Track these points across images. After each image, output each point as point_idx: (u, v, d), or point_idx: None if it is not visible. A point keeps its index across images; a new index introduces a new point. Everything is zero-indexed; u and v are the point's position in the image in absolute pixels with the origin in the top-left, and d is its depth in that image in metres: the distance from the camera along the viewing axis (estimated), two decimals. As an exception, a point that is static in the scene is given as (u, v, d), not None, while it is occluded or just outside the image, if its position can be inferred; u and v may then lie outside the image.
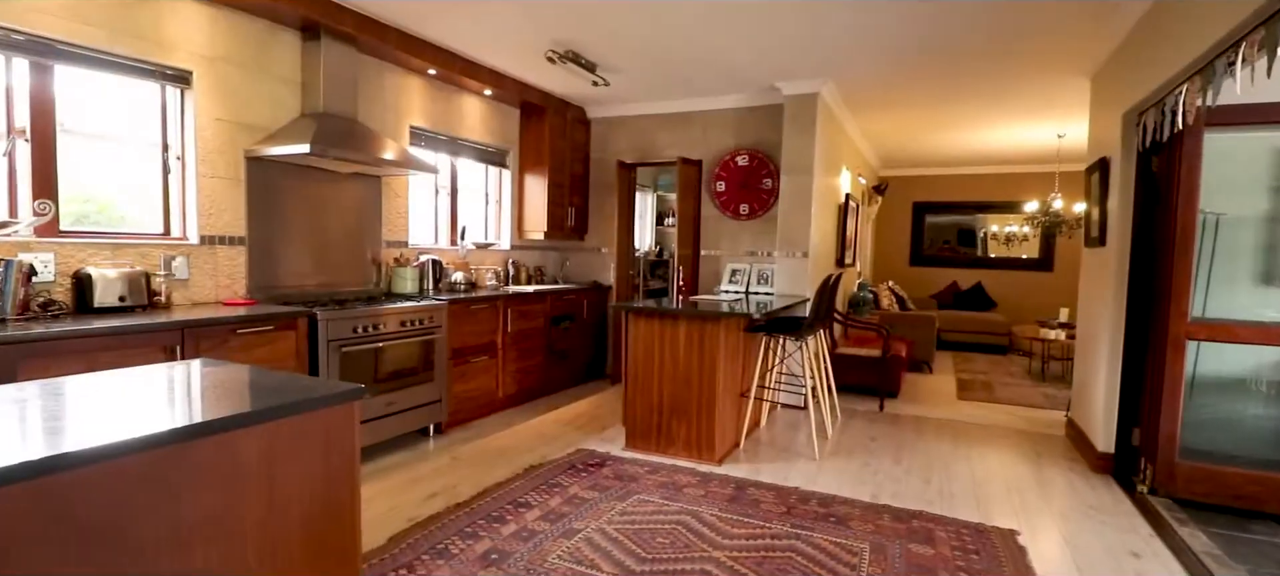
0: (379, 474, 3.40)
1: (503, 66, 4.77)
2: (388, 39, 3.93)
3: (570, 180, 5.82)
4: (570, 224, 5.84)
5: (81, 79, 2.93)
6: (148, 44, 3.05)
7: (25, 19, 2.66)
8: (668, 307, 3.78)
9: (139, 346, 2.56)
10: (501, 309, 4.62)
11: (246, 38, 3.47)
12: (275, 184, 3.63)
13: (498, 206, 5.65)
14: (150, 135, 3.22)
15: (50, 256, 2.75)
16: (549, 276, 6.12)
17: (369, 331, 3.53)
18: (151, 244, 3.12)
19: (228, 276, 3.44)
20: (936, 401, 5.44)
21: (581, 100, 5.77)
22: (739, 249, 5.52)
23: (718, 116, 5.57)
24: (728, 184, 5.49)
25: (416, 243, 4.72)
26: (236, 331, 2.90)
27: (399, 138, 4.44)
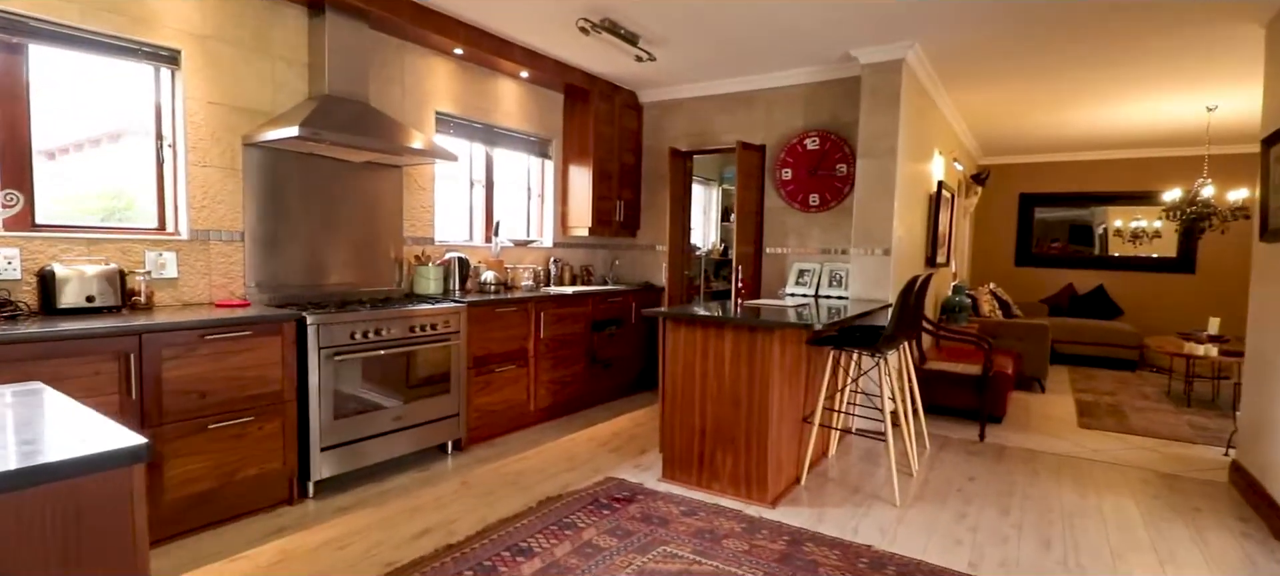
0: (375, 500, 2.99)
1: (538, 44, 4.31)
2: (401, 12, 3.54)
3: (619, 171, 5.29)
4: (619, 219, 5.32)
5: (59, 59, 2.68)
6: (126, 20, 2.77)
7: (-15, -9, 2.42)
8: (710, 314, 3.17)
9: (83, 354, 2.24)
10: (533, 313, 4.15)
11: (243, 13, 3.16)
12: (280, 175, 3.31)
13: (540, 201, 5.20)
14: (145, 122, 2.96)
15: (15, 252, 2.50)
16: (597, 277, 5.62)
17: (369, 337, 3.14)
18: (135, 239, 2.84)
19: (223, 275, 3.14)
20: (1052, 429, 4.51)
21: (632, 83, 5.23)
22: (807, 246, 4.80)
23: (783, 94, 4.87)
24: (795, 171, 4.79)
25: (444, 239, 4.33)
26: (205, 337, 2.56)
27: (422, 124, 4.07)
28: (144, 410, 2.40)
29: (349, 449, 3.08)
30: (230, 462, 2.66)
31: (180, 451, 2.51)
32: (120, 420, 2.25)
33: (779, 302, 3.92)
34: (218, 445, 2.62)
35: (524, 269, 4.77)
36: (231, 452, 2.66)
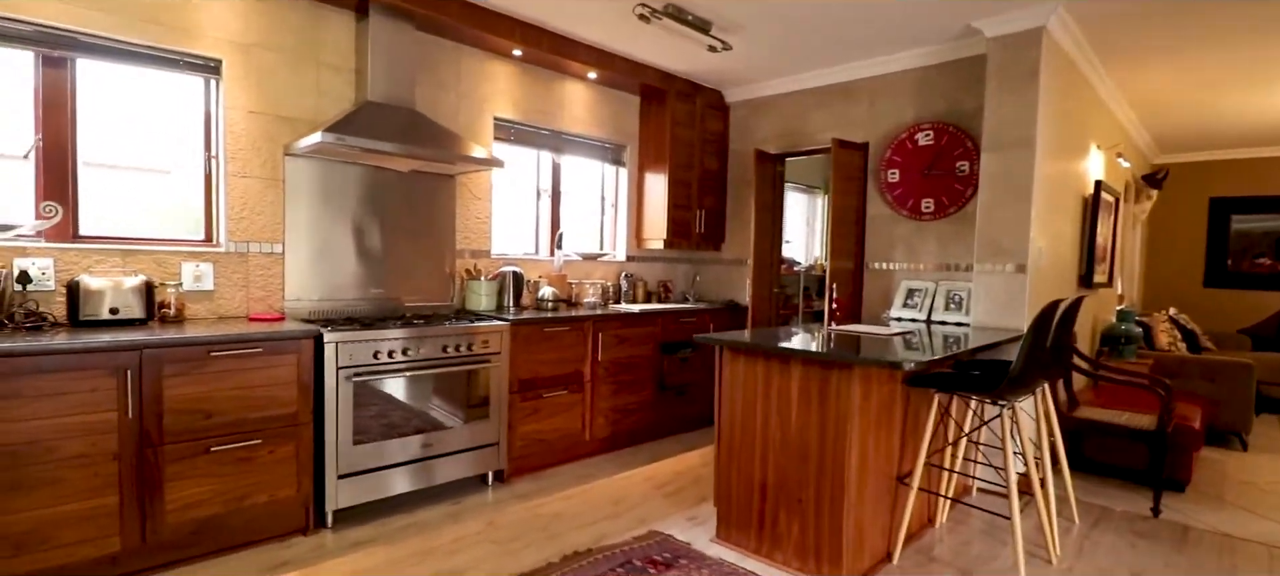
0: (393, 536, 2.72)
1: (604, 41, 3.95)
2: (448, 10, 3.32)
3: (700, 177, 4.80)
4: (699, 230, 4.82)
5: (104, 72, 2.69)
6: (166, 30, 2.75)
7: (27, 7, 2.44)
8: (772, 343, 2.59)
9: (82, 369, 2.14)
10: (590, 332, 3.77)
11: (288, 20, 3.07)
12: (323, 185, 3.19)
13: (613, 211, 4.84)
14: (193, 133, 2.94)
15: (49, 263, 2.51)
16: (677, 294, 5.15)
17: (395, 357, 2.90)
18: (171, 251, 2.80)
19: (262, 288, 3.05)
20: (1259, 503, 3.39)
21: (716, 81, 4.74)
22: (919, 261, 4.02)
23: (889, 83, 4.15)
24: (903, 172, 4.04)
25: (504, 252, 4.08)
26: (210, 354, 2.41)
27: (478, 131, 3.84)
28: (143, 429, 2.27)
29: (371, 477, 2.85)
30: (238, 488, 2.50)
31: (183, 474, 2.37)
32: (117, 440, 2.13)
33: (879, 330, 3.23)
34: (223, 469, 2.46)
35: (590, 284, 4.41)
36: (239, 477, 2.49)
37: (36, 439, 2.08)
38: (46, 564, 2.12)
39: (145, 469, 2.29)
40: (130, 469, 2.26)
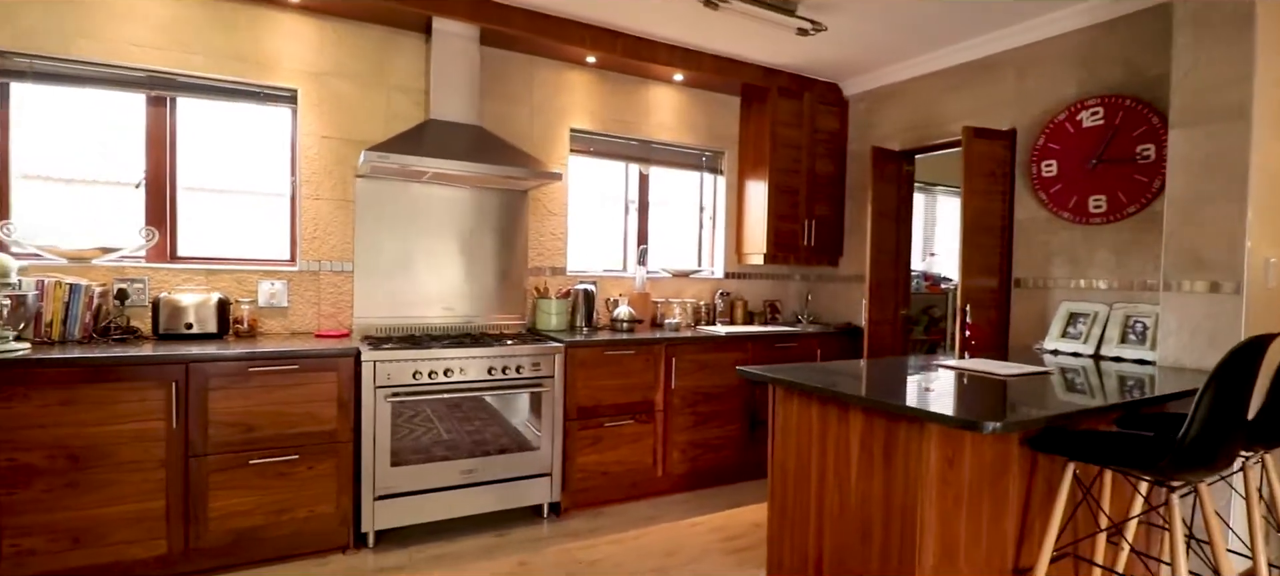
0: (427, 565, 2.62)
1: (682, 38, 3.62)
2: (511, 22, 3.23)
3: (809, 183, 4.23)
4: (807, 243, 4.24)
5: (198, 107, 2.98)
6: (250, 66, 2.97)
7: (137, 56, 2.76)
8: (826, 384, 2.05)
9: (132, 380, 2.31)
10: (662, 357, 3.43)
11: (359, 47, 3.18)
12: (392, 205, 3.25)
13: (711, 224, 4.45)
14: (279, 159, 3.15)
15: (144, 281, 2.79)
16: (787, 314, 4.59)
17: (436, 377, 2.82)
18: (249, 270, 3.00)
19: (332, 305, 3.17)
20: None
21: (831, 72, 4.16)
22: (1084, 276, 3.10)
23: (1043, 51, 3.28)
24: (1063, 162, 3.16)
25: (582, 269, 3.90)
26: (249, 370, 2.49)
27: (554, 144, 3.71)
28: (188, 439, 2.40)
29: (410, 500, 2.78)
30: (277, 501, 2.56)
31: (225, 484, 2.47)
32: (165, 448, 2.26)
33: (1018, 367, 2.49)
34: (264, 481, 2.53)
35: (678, 303, 4.06)
36: (278, 491, 2.55)
37: (94, 443, 2.27)
38: (100, 559, 2.30)
39: (190, 477, 2.41)
40: (177, 476, 2.39)
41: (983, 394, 1.96)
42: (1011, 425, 1.61)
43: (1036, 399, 1.92)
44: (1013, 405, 1.81)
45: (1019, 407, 1.79)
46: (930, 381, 2.16)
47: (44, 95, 2.73)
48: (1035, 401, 1.89)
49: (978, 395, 1.95)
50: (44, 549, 2.22)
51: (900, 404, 1.78)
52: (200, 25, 2.87)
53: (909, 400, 1.84)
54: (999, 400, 1.88)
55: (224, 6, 2.90)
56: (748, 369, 2.28)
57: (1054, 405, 1.85)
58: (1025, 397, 1.93)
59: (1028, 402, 1.86)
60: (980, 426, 1.58)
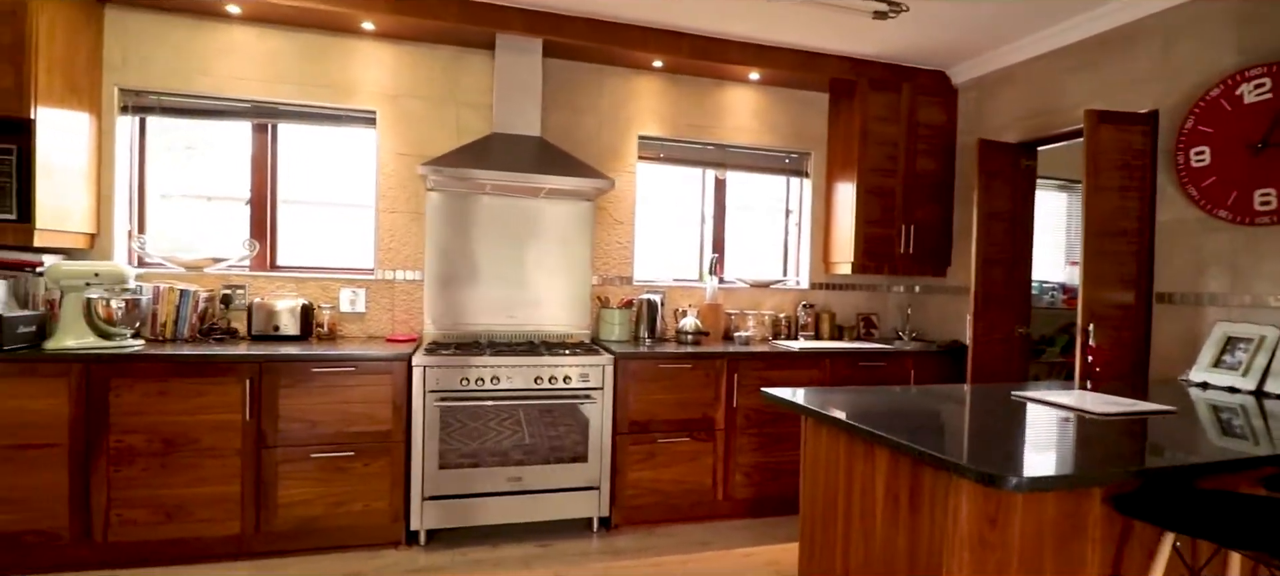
0: (469, 569, 2.66)
1: (754, 34, 3.41)
2: (571, 32, 3.24)
3: (906, 183, 3.79)
4: (905, 250, 3.79)
5: (296, 131, 3.30)
6: (336, 92, 3.24)
7: (243, 88, 3.13)
8: (844, 415, 1.78)
9: (214, 375, 2.60)
10: (723, 372, 3.23)
11: (431, 68, 3.36)
12: (461, 216, 3.39)
13: (797, 231, 4.14)
14: (365, 176, 3.42)
15: (243, 288, 3.14)
16: (886, 330, 4.15)
17: (484, 384, 2.87)
18: (332, 278, 3.27)
19: (405, 312, 3.36)
20: None
21: (935, 58, 3.71)
22: (1249, 290, 2.44)
23: (1193, 13, 2.65)
24: (1218, 149, 2.52)
25: (650, 277, 3.80)
26: (312, 370, 2.70)
27: (622, 152, 3.66)
28: (259, 431, 2.65)
29: (458, 503, 2.85)
30: (336, 494, 2.74)
31: (290, 475, 2.69)
32: (240, 437, 2.52)
33: (1141, 407, 2.02)
34: (324, 475, 2.72)
35: (754, 315, 3.82)
36: (336, 485, 2.73)
37: (183, 430, 2.58)
38: (186, 534, 2.59)
39: (261, 466, 2.66)
40: (250, 464, 2.64)
41: (1062, 436, 1.59)
42: (1045, 482, 1.27)
43: (1229, 437, 1.53)
44: (1095, 452, 1.45)
45: (1102, 456, 1.42)
46: (1004, 417, 1.80)
47: (171, 126, 3.18)
48: (1136, 448, 1.50)
49: (1051, 438, 1.59)
50: (143, 521, 2.55)
51: (923, 453, 1.48)
52: (293, 58, 3.18)
53: (941, 439, 1.54)
54: (1081, 445, 1.51)
55: (313, 39, 3.19)
56: (771, 391, 2.05)
57: (1161, 454, 1.45)
58: (1123, 444, 1.54)
59: (1122, 450, 1.48)
60: (999, 481, 1.26)
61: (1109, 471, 1.37)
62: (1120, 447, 1.55)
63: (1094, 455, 1.48)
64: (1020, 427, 1.71)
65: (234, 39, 3.10)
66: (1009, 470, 1.27)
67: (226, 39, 3.09)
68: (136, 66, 3.00)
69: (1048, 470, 1.33)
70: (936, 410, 1.89)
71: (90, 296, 2.59)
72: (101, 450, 2.50)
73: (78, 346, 2.53)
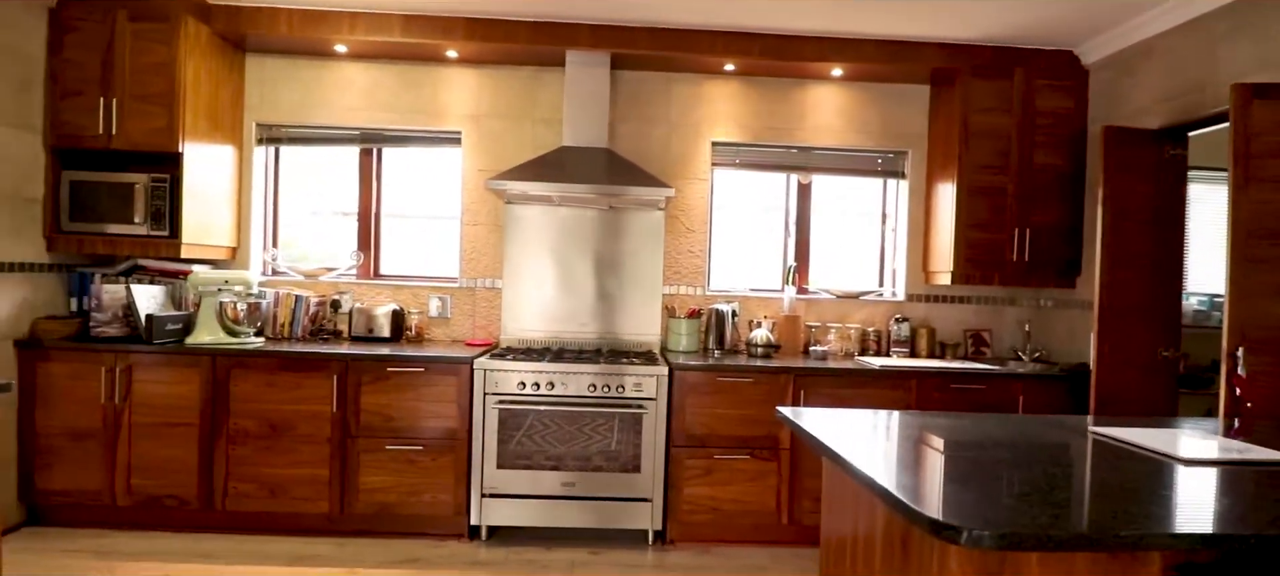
0: (519, 568, 2.76)
1: (830, 27, 3.19)
2: (637, 43, 3.26)
3: (1020, 181, 3.31)
4: (1018, 258, 3.31)
5: (396, 153, 3.67)
6: (428, 116, 3.55)
7: (352, 117, 3.54)
8: (834, 445, 1.59)
9: (309, 370, 2.95)
10: (789, 388, 3.04)
11: (510, 88, 3.56)
12: (537, 228, 3.54)
13: (893, 237, 3.79)
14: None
15: (349, 295, 3.53)
16: (1001, 349, 3.65)
17: (540, 389, 2.96)
18: (421, 286, 3.57)
19: (485, 318, 3.57)
20: None
21: (1059, 35, 3.23)
22: None
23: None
24: None
25: (726, 287, 3.69)
26: (388, 369, 2.96)
27: (694, 159, 3.60)
28: (345, 421, 2.96)
29: (515, 502, 2.97)
30: (408, 484, 2.97)
31: (369, 464, 2.97)
32: (329, 426, 2.85)
33: (1259, 454, 1.62)
34: (397, 465, 2.97)
35: (837, 328, 3.55)
36: (408, 475, 2.97)
37: (284, 418, 2.95)
38: (285, 509, 2.96)
39: (346, 453, 2.96)
40: (337, 451, 2.96)
41: (1108, 480, 1.32)
42: (1017, 539, 1.04)
43: (1246, 503, 1.22)
44: (1154, 507, 1.17)
45: (1159, 514, 1.14)
46: (1047, 458, 1.52)
47: (297, 153, 3.67)
48: (1234, 508, 1.20)
49: (1095, 482, 1.32)
50: (252, 494, 2.95)
51: (903, 506, 1.28)
52: (393, 88, 3.53)
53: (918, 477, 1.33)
54: (1130, 495, 1.24)
55: (408, 70, 3.53)
56: (785, 410, 1.89)
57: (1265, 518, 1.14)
58: (1210, 499, 1.24)
59: (1201, 507, 1.19)
60: (954, 533, 1.06)
61: (1112, 532, 1.09)
62: (1199, 504, 1.23)
63: (1148, 511, 1.19)
64: (1064, 469, 1.42)
65: (345, 75, 3.52)
66: (971, 521, 1.07)
67: (339, 75, 3.52)
68: (270, 103, 3.51)
69: (1035, 524, 1.10)
70: (975, 441, 1.63)
71: (221, 300, 3.07)
72: (222, 431, 2.94)
73: (209, 342, 3.01)
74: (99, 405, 2.90)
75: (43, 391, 2.90)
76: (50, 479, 2.92)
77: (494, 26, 3.23)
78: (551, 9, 3.14)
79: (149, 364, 2.92)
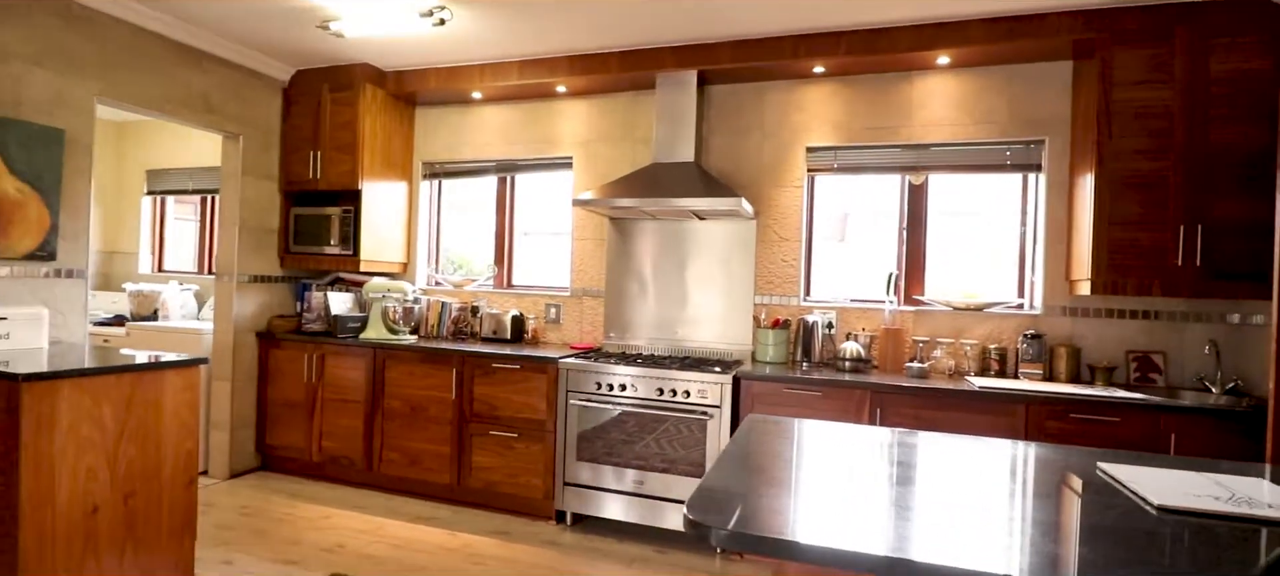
0: (587, 554, 3.02)
1: (926, 11, 2.93)
2: (719, 57, 3.34)
3: (1185, 167, 2.66)
4: (1183, 261, 2.65)
5: (525, 179, 4.22)
6: (549, 145, 4.03)
7: (490, 150, 4.18)
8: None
9: (438, 363, 3.56)
10: (865, 406, 2.83)
11: (614, 113, 3.87)
12: (632, 241, 3.79)
13: (1032, 241, 3.27)
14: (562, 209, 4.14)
15: (485, 301, 4.14)
16: (1181, 375, 2.92)
17: (614, 390, 3.19)
18: (538, 294, 4.04)
19: (591, 324, 3.91)
20: None
21: (1229, -17, 2.58)
22: None
23: None
24: None
25: (825, 297, 3.53)
26: (492, 365, 3.44)
27: (788, 166, 3.54)
28: (461, 407, 3.50)
29: (591, 493, 3.22)
30: (508, 467, 3.41)
31: (478, 446, 3.47)
32: (451, 411, 3.44)
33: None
34: (499, 449, 3.42)
35: (949, 344, 3.17)
36: (507, 459, 3.41)
37: (420, 401, 3.59)
38: (418, 476, 3.59)
39: (462, 435, 3.50)
40: (455, 433, 3.51)
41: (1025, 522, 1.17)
42: (749, 541, 1.00)
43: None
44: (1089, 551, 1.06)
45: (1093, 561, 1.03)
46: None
47: (453, 184, 4.41)
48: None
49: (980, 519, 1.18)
50: (397, 461, 3.64)
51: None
52: (519, 123, 4.08)
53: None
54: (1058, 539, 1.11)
55: (529, 107, 4.05)
56: (765, 417, 1.86)
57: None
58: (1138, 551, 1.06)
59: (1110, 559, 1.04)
60: (704, 531, 1.05)
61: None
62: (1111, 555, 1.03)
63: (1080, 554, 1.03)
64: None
65: (482, 117, 4.16)
66: (722, 521, 1.05)
67: (478, 117, 4.17)
68: (432, 145, 4.30)
69: (827, 536, 1.04)
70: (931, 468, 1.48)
71: (385, 305, 3.85)
72: (379, 409, 3.68)
73: (374, 338, 3.79)
74: (303, 383, 3.84)
75: (272, 371, 3.93)
76: (275, 436, 3.93)
77: (591, 60, 3.58)
78: (638, 38, 3.38)
79: (335, 353, 3.79)
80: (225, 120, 3.70)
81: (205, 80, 3.57)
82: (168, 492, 2.45)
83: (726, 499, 1.20)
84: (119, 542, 2.29)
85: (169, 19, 3.30)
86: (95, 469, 2.21)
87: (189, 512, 2.53)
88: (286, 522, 3.23)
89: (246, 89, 3.81)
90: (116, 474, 2.27)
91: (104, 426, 2.23)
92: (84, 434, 2.17)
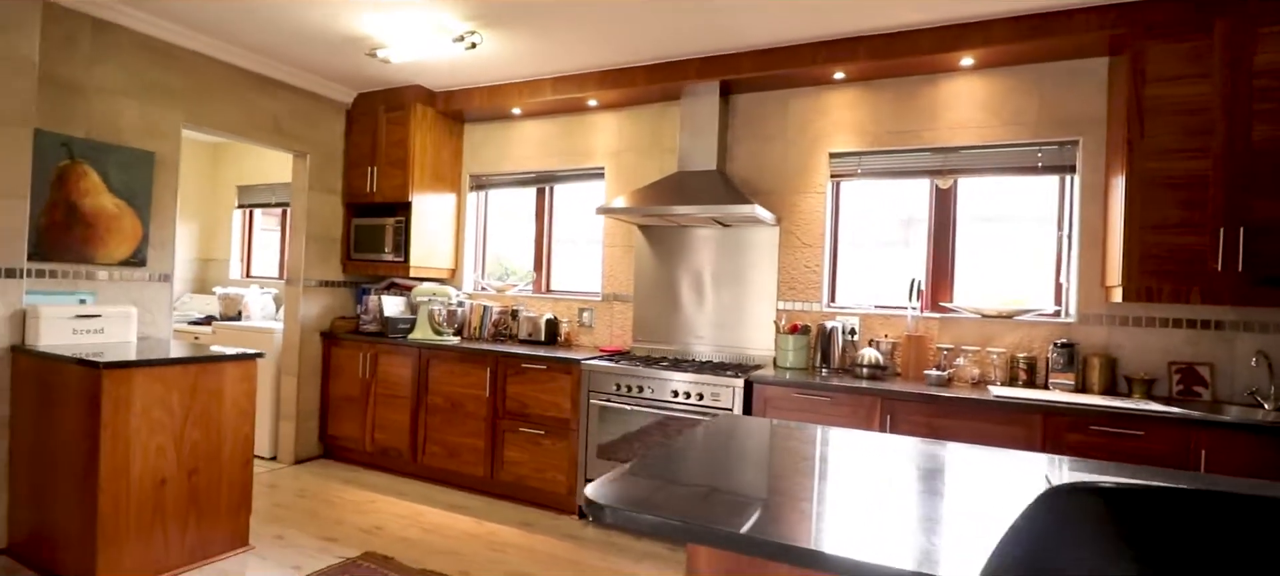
0: (601, 548, 3.15)
1: (942, 12, 2.89)
2: (741, 67, 3.41)
3: (1227, 165, 2.49)
4: (1225, 266, 2.47)
5: (563, 191, 4.42)
6: (584, 157, 4.21)
7: (526, 162, 4.42)
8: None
9: (474, 363, 3.80)
10: (876, 412, 2.81)
11: (643, 124, 4.00)
12: (657, 247, 3.90)
13: (1068, 246, 3.12)
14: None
15: (522, 306, 4.36)
16: (1231, 388, 2.72)
17: (631, 392, 3.30)
18: (571, 299, 4.21)
19: (620, 328, 4.05)
20: None
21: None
22: None
23: None
24: None
25: (849, 303, 3.51)
26: (522, 365, 3.63)
27: (811, 172, 3.54)
28: (495, 404, 3.72)
29: (611, 491, 3.34)
30: (535, 461, 3.59)
31: (509, 441, 3.68)
32: (485, 407, 3.69)
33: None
34: (527, 445, 3.61)
35: (974, 352, 3.08)
36: (533, 455, 3.59)
37: (458, 398, 3.84)
38: (456, 468, 3.84)
39: (495, 430, 3.72)
40: (489, 428, 3.74)
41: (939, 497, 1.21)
42: (624, 516, 1.09)
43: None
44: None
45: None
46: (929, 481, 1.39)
47: (497, 195, 4.67)
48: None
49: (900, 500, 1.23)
50: (438, 454, 3.90)
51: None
52: (556, 136, 4.29)
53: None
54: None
55: (564, 121, 4.25)
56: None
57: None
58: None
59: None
60: (592, 508, 1.15)
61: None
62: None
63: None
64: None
65: (523, 131, 4.40)
66: (610, 497, 1.15)
67: (519, 132, 4.41)
68: (479, 159, 4.58)
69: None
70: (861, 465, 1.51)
71: (431, 308, 4.14)
72: (423, 404, 3.96)
73: (420, 338, 4.08)
74: (359, 379, 4.19)
75: (333, 368, 4.31)
76: (335, 427, 4.30)
77: (619, 74, 3.73)
78: (663, 50, 3.50)
79: (386, 351, 4.11)
80: (293, 140, 4.11)
81: (275, 105, 3.99)
82: (226, 471, 2.78)
83: (644, 490, 1.29)
84: (183, 512, 2.62)
85: (243, 51, 3.72)
86: (164, 447, 2.55)
87: (245, 489, 2.86)
88: (336, 505, 3.55)
89: (313, 112, 4.22)
90: (182, 453, 2.61)
91: (172, 410, 2.57)
92: (155, 416, 2.52)
